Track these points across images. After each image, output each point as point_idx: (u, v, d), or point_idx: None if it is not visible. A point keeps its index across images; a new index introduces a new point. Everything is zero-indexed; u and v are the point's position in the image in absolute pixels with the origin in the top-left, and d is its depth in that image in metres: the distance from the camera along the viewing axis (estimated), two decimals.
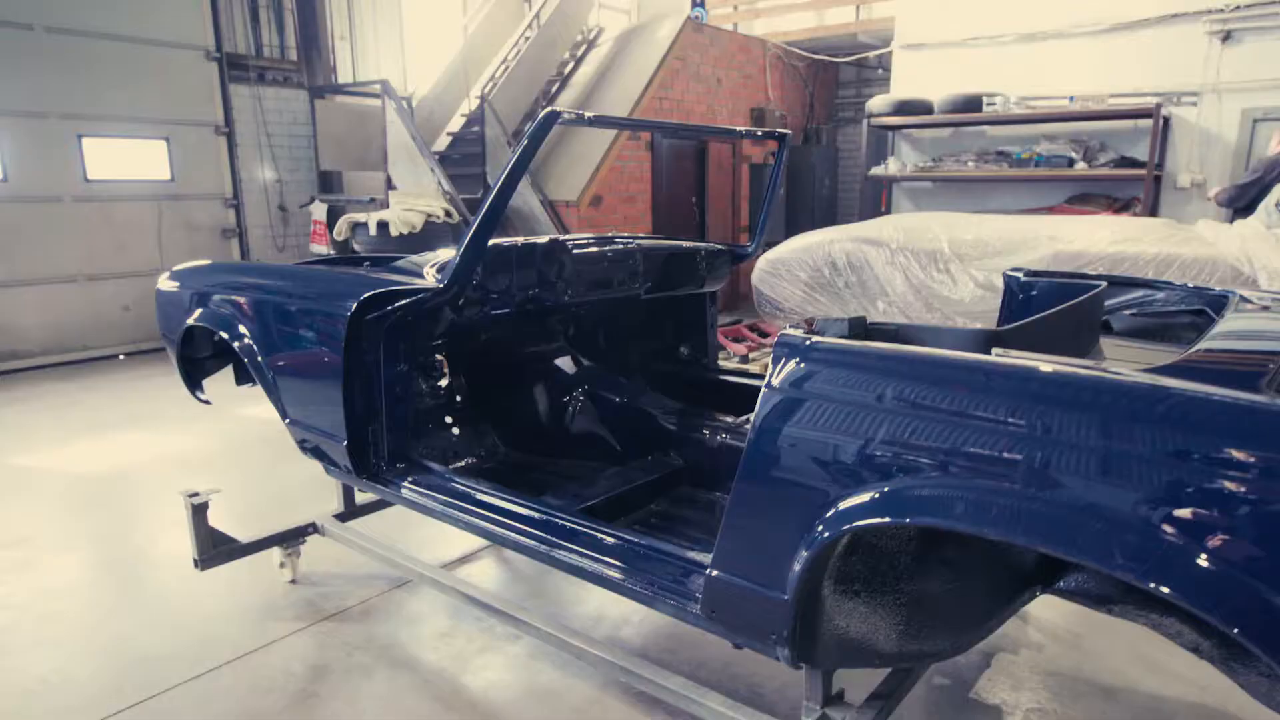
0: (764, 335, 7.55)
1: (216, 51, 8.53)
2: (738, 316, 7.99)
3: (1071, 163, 8.11)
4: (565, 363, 3.46)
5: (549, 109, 2.30)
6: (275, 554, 3.39)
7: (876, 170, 9.29)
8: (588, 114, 2.44)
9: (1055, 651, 2.88)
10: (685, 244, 3.60)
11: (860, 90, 11.75)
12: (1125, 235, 5.74)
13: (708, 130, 2.73)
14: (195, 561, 3.14)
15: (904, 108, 8.82)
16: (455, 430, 3.27)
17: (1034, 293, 2.74)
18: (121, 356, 7.96)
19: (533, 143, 2.31)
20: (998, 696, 2.61)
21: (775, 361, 1.70)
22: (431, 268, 2.65)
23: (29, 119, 7.43)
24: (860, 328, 1.85)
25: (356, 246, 7.36)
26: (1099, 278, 2.79)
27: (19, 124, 7.37)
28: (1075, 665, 2.79)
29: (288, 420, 2.94)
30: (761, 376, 3.75)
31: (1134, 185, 8.06)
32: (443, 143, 10.11)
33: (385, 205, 7.79)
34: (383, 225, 7.12)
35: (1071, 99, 8.12)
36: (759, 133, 3.35)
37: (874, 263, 6.48)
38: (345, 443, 2.64)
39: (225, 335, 3.02)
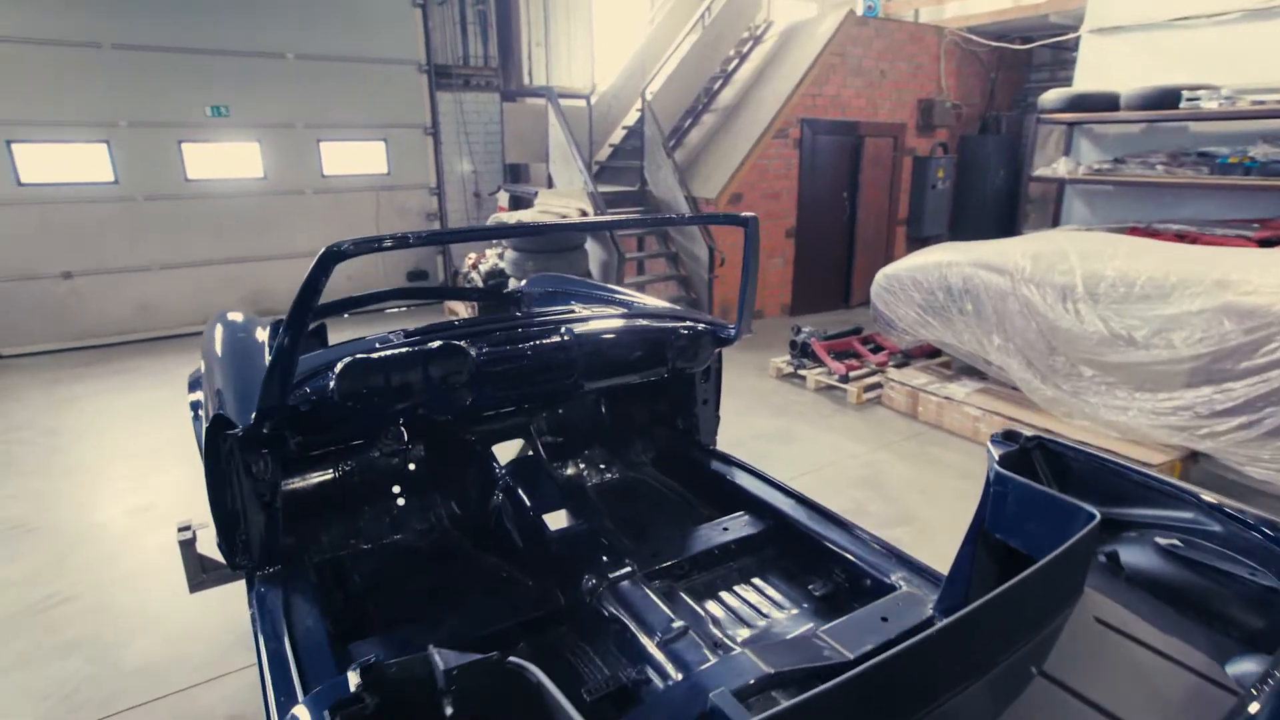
0: (877, 350, 6.21)
1: (426, 64, 8.48)
2: (858, 325, 6.66)
3: None
4: (512, 445, 2.79)
5: (328, 247, 1.66)
6: None
7: (1043, 170, 7.22)
8: (411, 232, 1.73)
9: None
10: (656, 324, 2.71)
11: (1054, 74, 9.28)
12: None
13: (636, 223, 1.98)
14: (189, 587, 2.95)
15: (1081, 103, 6.68)
16: (401, 501, 2.75)
17: (1006, 490, 1.60)
18: (346, 315, 8.37)
19: (311, 282, 1.67)
20: None
21: None
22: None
23: (282, 129, 7.86)
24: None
25: (503, 245, 7.03)
26: (1119, 469, 1.57)
27: (275, 133, 7.83)
28: None
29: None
30: (747, 469, 2.83)
31: None
32: (618, 136, 9.47)
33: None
34: None
35: None
36: (721, 216, 2.35)
37: (993, 292, 4.96)
38: (218, 539, 2.21)
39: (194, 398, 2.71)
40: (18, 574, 3.41)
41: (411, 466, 2.81)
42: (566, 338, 2.47)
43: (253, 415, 1.91)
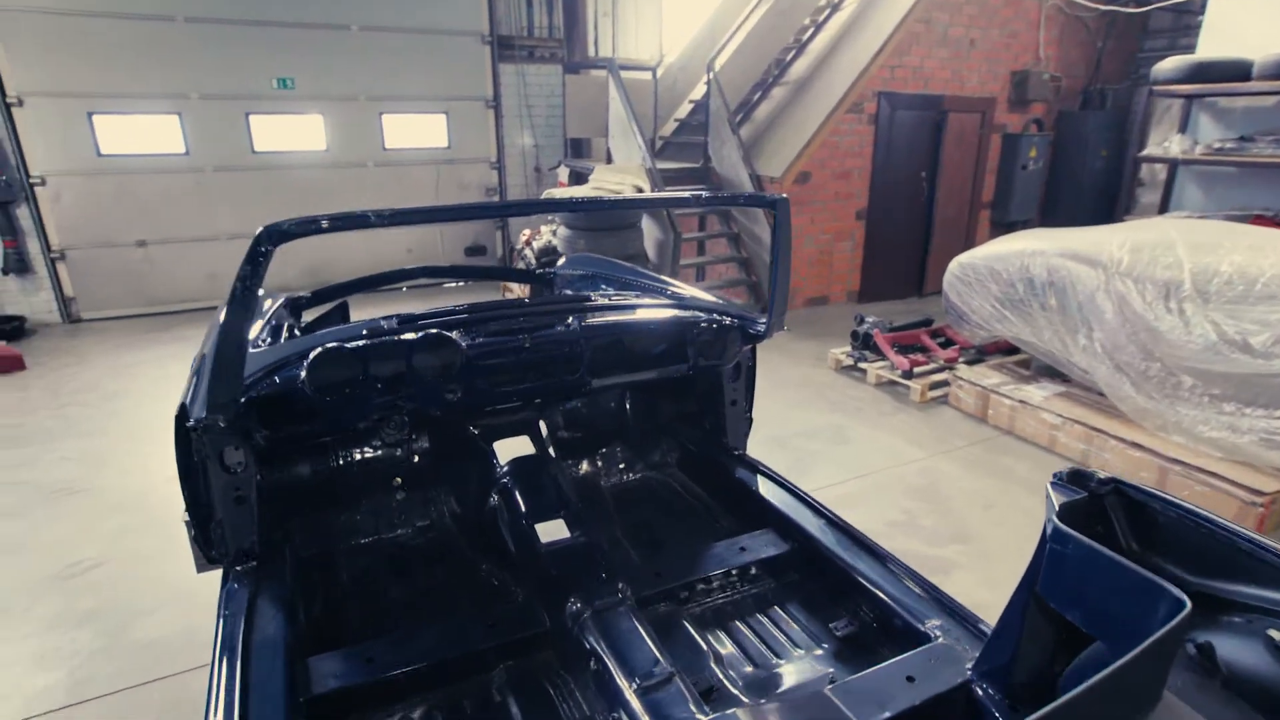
0: (947, 344, 5.73)
1: (490, 35, 8.34)
2: (928, 317, 6.16)
3: None
4: (519, 442, 2.60)
5: (266, 226, 1.51)
6: None
7: (1153, 149, 6.46)
8: (372, 210, 1.56)
9: None
10: (677, 316, 2.45)
11: (1174, 41, 8.31)
12: None
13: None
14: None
15: (1204, 72, 5.90)
16: (400, 495, 2.61)
17: (1065, 551, 1.27)
18: (404, 289, 8.43)
19: (249, 263, 1.51)
20: None
21: None
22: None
23: (345, 102, 7.90)
24: None
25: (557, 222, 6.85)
26: (1224, 532, 1.22)
27: (338, 106, 7.88)
28: None
29: None
30: (776, 480, 2.54)
31: None
32: (683, 110, 9.12)
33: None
34: None
35: None
36: (744, 197, 2.06)
37: (1082, 286, 4.43)
38: (192, 532, 2.12)
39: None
40: (56, 536, 3.50)
41: (416, 459, 2.67)
42: (574, 328, 2.25)
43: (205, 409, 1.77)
